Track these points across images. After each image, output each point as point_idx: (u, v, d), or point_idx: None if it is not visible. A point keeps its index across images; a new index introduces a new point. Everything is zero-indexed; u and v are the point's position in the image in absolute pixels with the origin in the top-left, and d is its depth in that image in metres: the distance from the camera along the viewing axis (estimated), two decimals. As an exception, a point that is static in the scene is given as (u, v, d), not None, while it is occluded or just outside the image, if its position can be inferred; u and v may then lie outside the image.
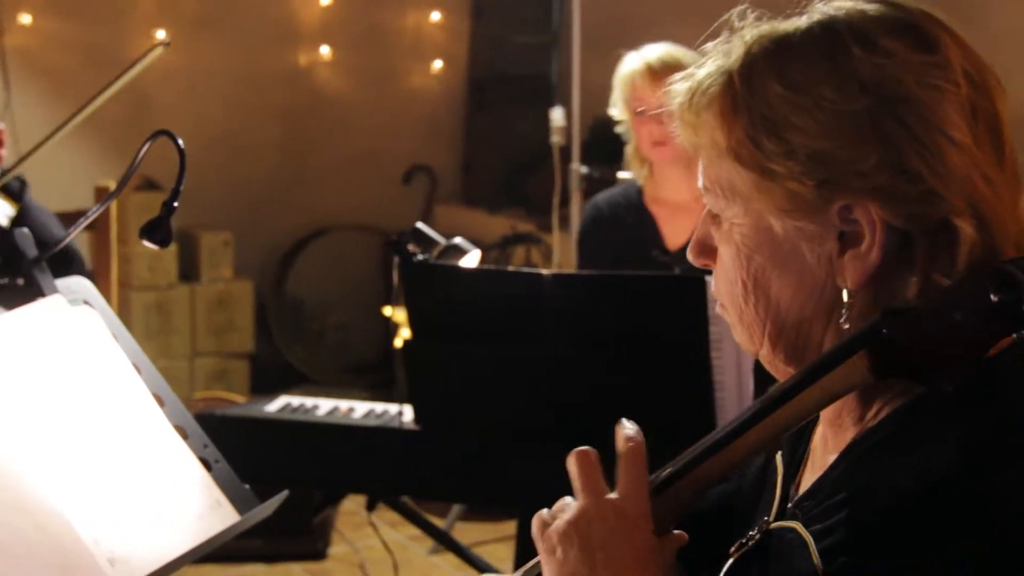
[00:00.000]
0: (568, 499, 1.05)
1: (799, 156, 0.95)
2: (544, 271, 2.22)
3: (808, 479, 1.07)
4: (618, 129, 2.96)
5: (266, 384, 5.33)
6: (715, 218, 1.05)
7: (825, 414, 1.04)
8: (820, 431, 1.08)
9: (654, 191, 2.89)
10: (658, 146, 2.76)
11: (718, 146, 1.00)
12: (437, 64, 6.08)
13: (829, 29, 0.97)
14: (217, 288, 5.29)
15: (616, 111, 2.92)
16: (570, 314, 2.16)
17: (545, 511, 1.07)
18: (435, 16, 6.03)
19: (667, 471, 1.03)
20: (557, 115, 4.14)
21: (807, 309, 1.00)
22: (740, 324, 1.05)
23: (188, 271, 5.28)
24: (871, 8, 0.98)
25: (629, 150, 2.94)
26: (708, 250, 1.07)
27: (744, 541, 1.04)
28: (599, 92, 5.03)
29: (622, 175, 3.42)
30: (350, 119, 5.90)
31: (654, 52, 2.79)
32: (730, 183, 1.00)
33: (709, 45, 1.04)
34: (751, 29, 1.01)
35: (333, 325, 5.92)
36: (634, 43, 5.41)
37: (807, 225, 0.97)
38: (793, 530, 0.97)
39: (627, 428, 1.06)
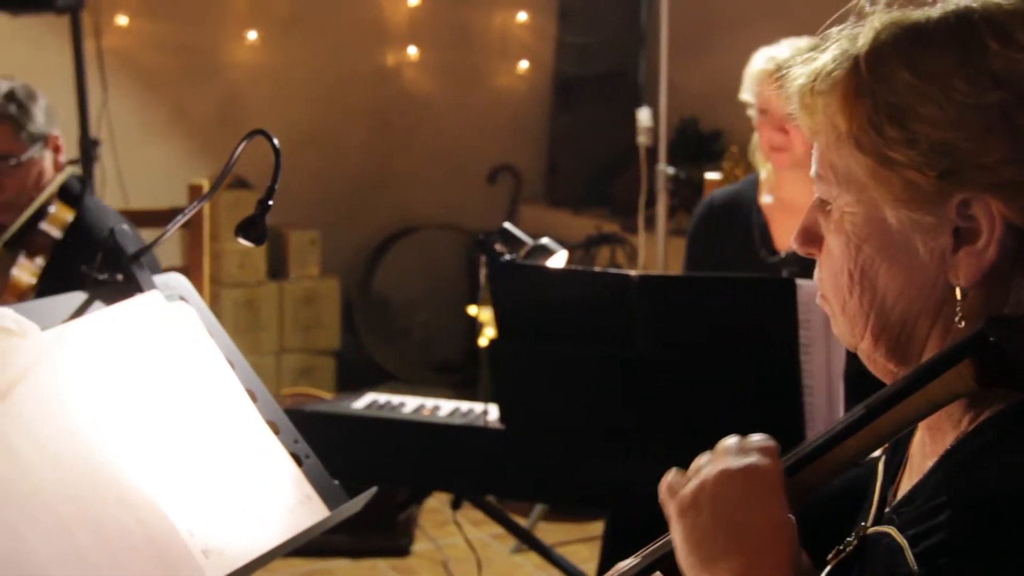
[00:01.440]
0: (703, 459, 1.04)
1: (921, 145, 0.94)
2: (631, 272, 2.21)
3: (906, 485, 1.05)
4: (749, 112, 2.85)
5: (351, 381, 5.39)
6: (824, 207, 1.04)
7: (924, 420, 1.02)
8: (919, 437, 1.07)
9: (772, 189, 2.81)
10: (776, 152, 2.69)
11: (837, 130, 0.99)
12: (523, 64, 6.09)
13: (965, 20, 0.95)
14: (305, 286, 5.36)
15: (747, 96, 2.80)
16: (657, 316, 2.15)
17: (673, 474, 1.05)
18: (521, 16, 6.04)
19: (787, 462, 1.01)
20: (644, 115, 4.12)
21: (914, 304, 0.99)
22: (842, 315, 1.03)
23: (277, 268, 5.36)
24: (1007, 1, 0.96)
25: (754, 142, 2.85)
26: (814, 238, 1.06)
27: (841, 548, 1.03)
28: (686, 92, 5.02)
29: (709, 176, 3.40)
30: (436, 119, 5.94)
31: (784, 53, 2.67)
32: (846, 170, 0.99)
33: (833, 30, 1.02)
34: (881, 15, 0.99)
35: (418, 323, 5.96)
36: (722, 43, 5.38)
37: (923, 217, 0.96)
38: (888, 535, 0.96)
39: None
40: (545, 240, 2.44)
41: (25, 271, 2.55)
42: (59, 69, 4.26)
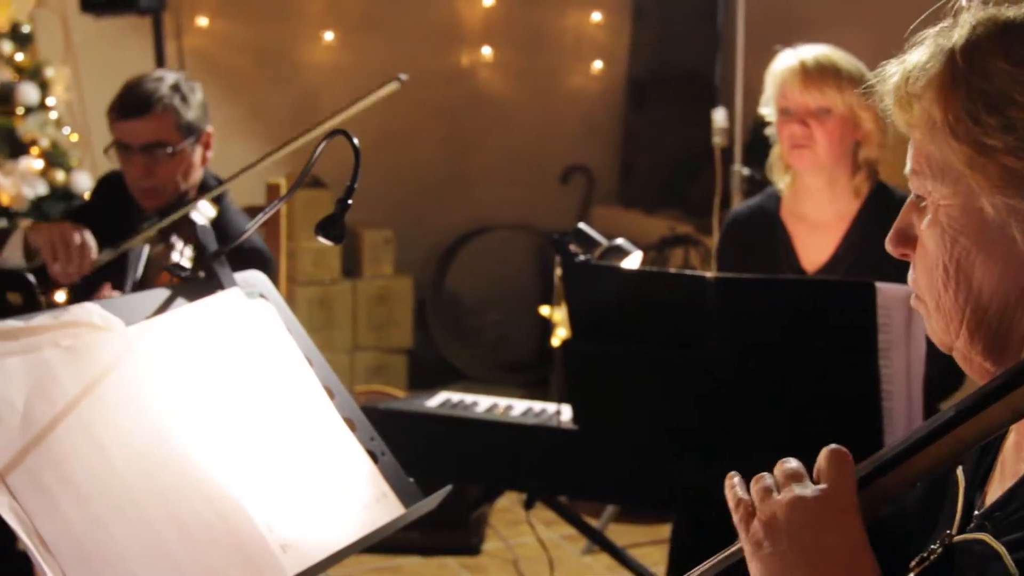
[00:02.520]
0: (767, 480, 1.02)
1: (1019, 131, 0.95)
2: (706, 274, 2.19)
3: (997, 490, 1.03)
4: (767, 131, 2.81)
5: (423, 379, 5.41)
6: (919, 205, 1.04)
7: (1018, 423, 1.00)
8: (1012, 440, 1.05)
9: (793, 203, 2.70)
10: (797, 148, 2.59)
11: (932, 121, 1.00)
12: (597, 64, 6.08)
13: None
14: (378, 284, 5.40)
15: (767, 110, 2.77)
16: (733, 318, 2.13)
17: (737, 485, 1.04)
18: (596, 16, 6.03)
19: (864, 470, 1.00)
20: (719, 116, 4.09)
21: (1011, 296, 0.98)
22: (937, 313, 1.03)
23: (350, 267, 5.40)
24: None
25: (773, 154, 2.78)
26: (908, 239, 1.06)
27: (925, 556, 1.01)
28: (762, 93, 4.97)
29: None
30: (510, 119, 5.95)
31: (810, 52, 2.62)
32: (942, 160, 1.00)
33: (928, 31, 1.03)
34: (976, 11, 1.01)
35: (490, 323, 5.97)
36: (799, 43, 5.30)
37: (1020, 203, 0.96)
38: (982, 542, 0.94)
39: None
40: (620, 241, 2.43)
41: (185, 259, 2.59)
42: (141, 69, 4.31)
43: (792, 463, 1.02)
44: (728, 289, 2.14)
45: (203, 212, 2.72)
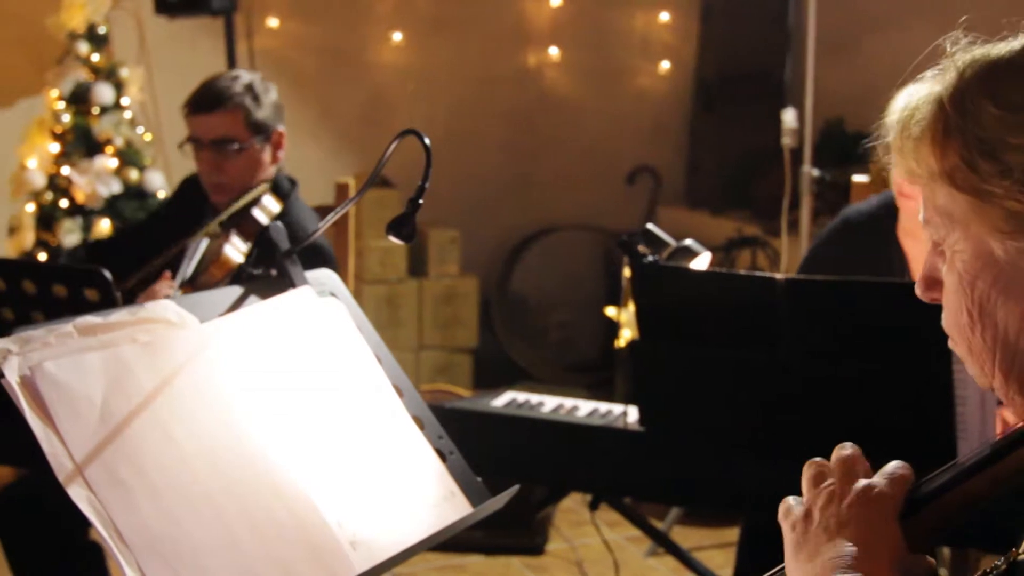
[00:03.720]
0: (818, 462, 1.07)
1: (1015, 174, 0.94)
2: (777, 275, 2.17)
3: None
4: None
5: (488, 379, 5.43)
6: (937, 249, 1.04)
7: None
8: None
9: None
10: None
11: (932, 173, 1.00)
12: (664, 65, 6.05)
13: None
14: (444, 284, 5.43)
15: None
16: (803, 320, 2.11)
17: (792, 499, 1.09)
18: (664, 16, 6.00)
19: (931, 485, 1.00)
20: (789, 116, 4.05)
21: None
22: (970, 356, 1.04)
23: (417, 266, 5.43)
24: None
25: None
26: (935, 284, 1.07)
27: (987, 571, 1.00)
28: (832, 93, 4.92)
29: (857, 178, 3.32)
30: (576, 119, 5.94)
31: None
32: (947, 209, 1.00)
33: (927, 72, 1.04)
34: (963, 54, 1.01)
35: (555, 323, 5.97)
36: (871, 43, 5.26)
37: None
38: None
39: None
40: (688, 242, 2.42)
41: (236, 251, 2.63)
42: (213, 70, 4.37)
43: (847, 449, 1.07)
44: (799, 291, 2.12)
45: (266, 208, 2.75)
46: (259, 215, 2.74)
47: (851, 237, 2.66)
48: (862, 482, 1.03)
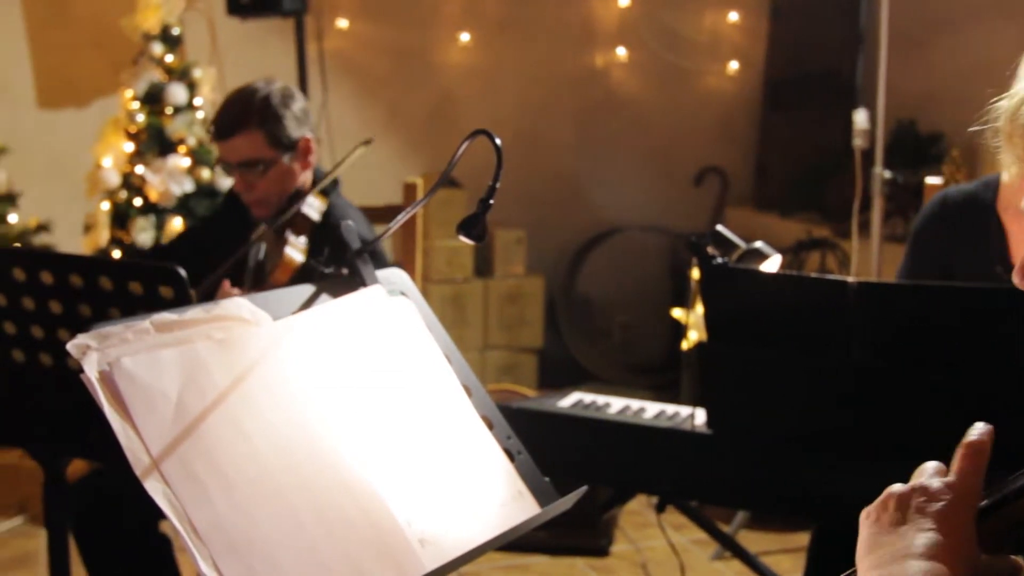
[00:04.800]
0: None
1: None
2: (849, 278, 2.14)
3: None
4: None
5: (552, 379, 5.43)
6: None
7: None
8: None
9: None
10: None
11: None
12: (733, 65, 6.00)
13: None
14: (509, 284, 5.44)
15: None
16: (876, 324, 2.08)
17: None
18: (733, 16, 5.96)
19: (1006, 488, 0.99)
20: (860, 117, 3.99)
21: None
22: None
23: (482, 266, 5.45)
24: None
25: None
26: None
27: None
28: (904, 93, 4.85)
29: (930, 180, 3.27)
30: (643, 120, 5.92)
31: None
32: None
33: None
34: None
35: (620, 324, 5.96)
36: (944, 42, 5.17)
37: None
38: None
39: (978, 426, 1.07)
40: (758, 244, 2.40)
41: (297, 250, 2.64)
42: (283, 70, 4.44)
43: (932, 464, 1.07)
44: (871, 294, 2.09)
45: (313, 205, 2.77)
46: (309, 211, 2.75)
47: (948, 213, 2.59)
48: (939, 480, 1.03)
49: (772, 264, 2.38)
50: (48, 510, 2.22)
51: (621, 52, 5.86)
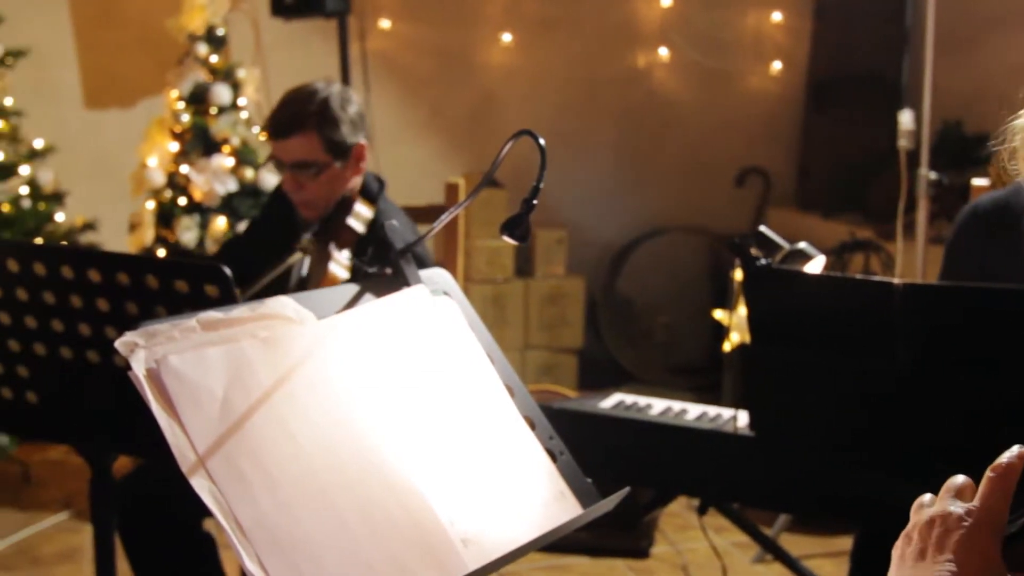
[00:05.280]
0: (926, 497, 1.08)
1: None
2: (895, 280, 2.12)
3: None
4: None
5: (592, 380, 5.43)
6: None
7: None
8: None
9: None
10: None
11: None
12: (776, 65, 5.97)
13: None
14: (550, 284, 5.44)
15: None
16: (923, 327, 2.06)
17: (927, 497, 1.09)
18: (776, 16, 5.92)
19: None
20: (906, 118, 3.95)
21: None
22: None
23: (523, 267, 5.45)
24: None
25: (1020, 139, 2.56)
26: None
27: None
28: (950, 94, 4.80)
29: (977, 182, 3.23)
30: (685, 120, 5.90)
31: None
32: None
33: None
34: None
35: (661, 325, 5.94)
36: (991, 42, 5.10)
37: None
38: None
39: (1013, 449, 1.04)
40: (802, 245, 2.38)
41: (341, 267, 2.64)
42: (326, 71, 4.46)
43: (959, 479, 1.06)
44: (918, 297, 2.07)
45: (359, 215, 2.77)
46: (354, 223, 2.75)
47: (980, 222, 2.55)
48: (962, 505, 1.02)
49: (816, 265, 2.37)
50: (94, 506, 2.24)
51: (663, 52, 5.84)
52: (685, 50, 5.82)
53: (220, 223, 4.39)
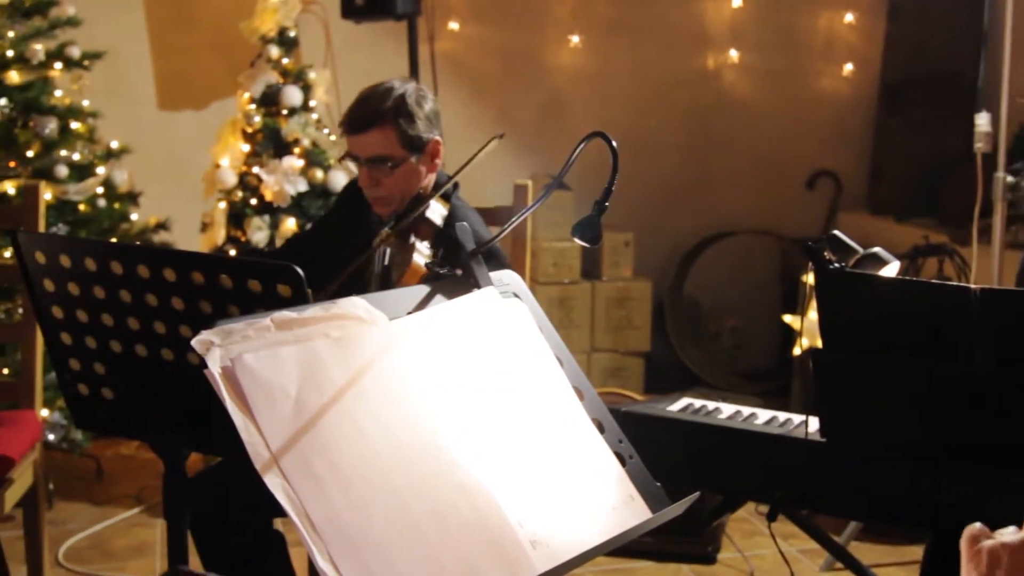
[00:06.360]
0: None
1: None
2: (972, 285, 2.08)
3: None
4: None
5: (658, 384, 5.40)
6: None
7: None
8: None
9: None
10: None
11: None
12: (848, 66, 5.90)
13: None
14: (617, 286, 5.42)
15: None
16: (1001, 332, 2.02)
17: (978, 525, 1.07)
18: (848, 17, 5.85)
19: None
20: (983, 120, 3.88)
21: None
22: None
23: (590, 269, 5.44)
24: None
25: None
26: None
27: None
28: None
29: (1056, 185, 3.16)
30: (755, 122, 5.85)
31: None
32: None
33: None
34: None
35: (728, 329, 5.89)
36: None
37: None
38: None
39: None
40: (877, 249, 2.34)
41: (424, 256, 2.65)
42: (395, 72, 4.47)
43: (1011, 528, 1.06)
44: (996, 302, 2.03)
45: (436, 210, 2.77)
46: (435, 217, 2.76)
47: None
48: (1018, 534, 1.02)
49: (891, 270, 2.33)
50: (168, 502, 2.27)
51: (733, 54, 5.80)
52: (755, 51, 5.77)
53: (290, 223, 4.43)
